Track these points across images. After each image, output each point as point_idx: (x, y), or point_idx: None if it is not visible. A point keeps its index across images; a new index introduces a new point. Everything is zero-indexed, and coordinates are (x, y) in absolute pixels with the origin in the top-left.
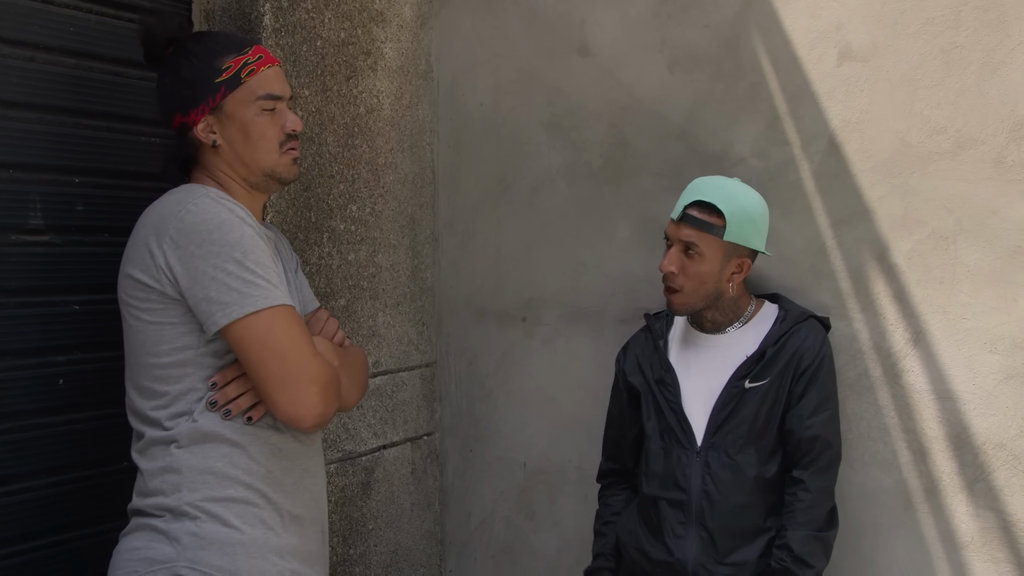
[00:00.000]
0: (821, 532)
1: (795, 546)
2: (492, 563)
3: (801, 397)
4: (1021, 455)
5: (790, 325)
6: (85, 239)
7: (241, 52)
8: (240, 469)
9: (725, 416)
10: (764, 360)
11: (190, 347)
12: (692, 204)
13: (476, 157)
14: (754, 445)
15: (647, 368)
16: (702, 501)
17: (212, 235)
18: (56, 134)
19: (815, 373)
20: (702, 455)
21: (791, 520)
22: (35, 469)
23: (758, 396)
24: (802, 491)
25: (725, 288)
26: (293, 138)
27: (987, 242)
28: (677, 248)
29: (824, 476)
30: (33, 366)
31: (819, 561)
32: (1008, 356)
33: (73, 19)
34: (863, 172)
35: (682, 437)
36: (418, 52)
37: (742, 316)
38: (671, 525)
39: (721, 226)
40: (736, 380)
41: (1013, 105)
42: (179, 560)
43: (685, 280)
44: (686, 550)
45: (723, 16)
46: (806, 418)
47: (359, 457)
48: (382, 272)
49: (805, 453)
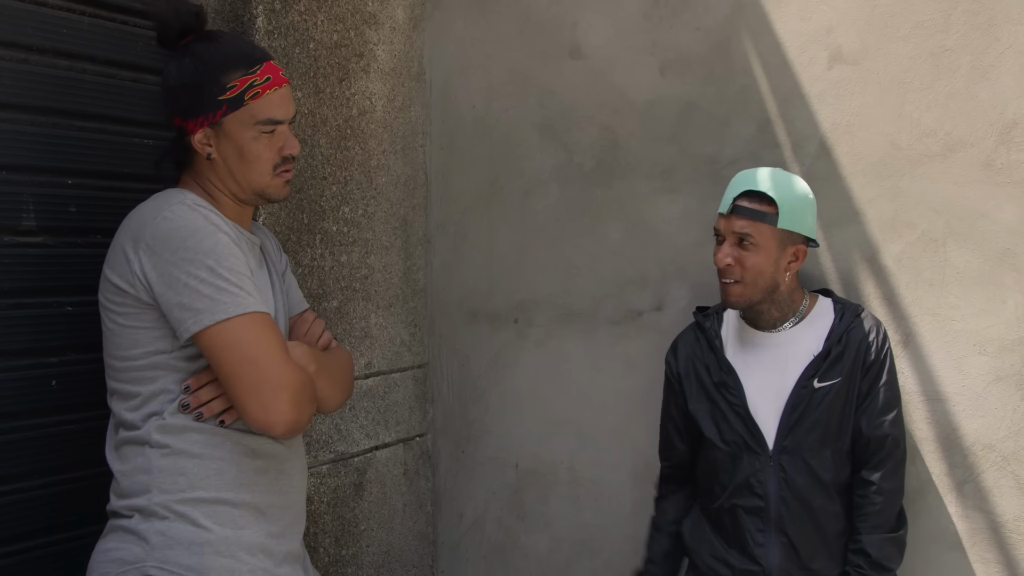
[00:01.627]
0: (895, 533)
1: (872, 551)
2: (484, 564)
3: (868, 394)
4: (1010, 456)
5: (851, 319)
6: (78, 240)
7: (250, 71)
8: (211, 470)
9: (796, 418)
10: (830, 357)
11: (163, 351)
12: (741, 195)
13: (468, 159)
14: (829, 447)
15: (702, 369)
16: (780, 507)
17: (186, 242)
18: (49, 136)
19: (881, 369)
20: (775, 459)
21: (864, 523)
22: (27, 470)
23: (829, 396)
24: (875, 493)
25: (782, 278)
26: (288, 160)
27: (976, 244)
28: (730, 241)
29: (895, 476)
30: (26, 367)
31: (895, 563)
32: (997, 358)
33: (66, 21)
34: (853, 175)
35: (751, 442)
36: (410, 54)
37: (798, 311)
38: (750, 533)
39: (774, 214)
40: (805, 380)
41: (1002, 108)
42: (148, 560)
43: (743, 272)
44: (769, 558)
45: (714, 19)
46: (876, 416)
47: (351, 458)
48: (374, 274)
49: (875, 453)
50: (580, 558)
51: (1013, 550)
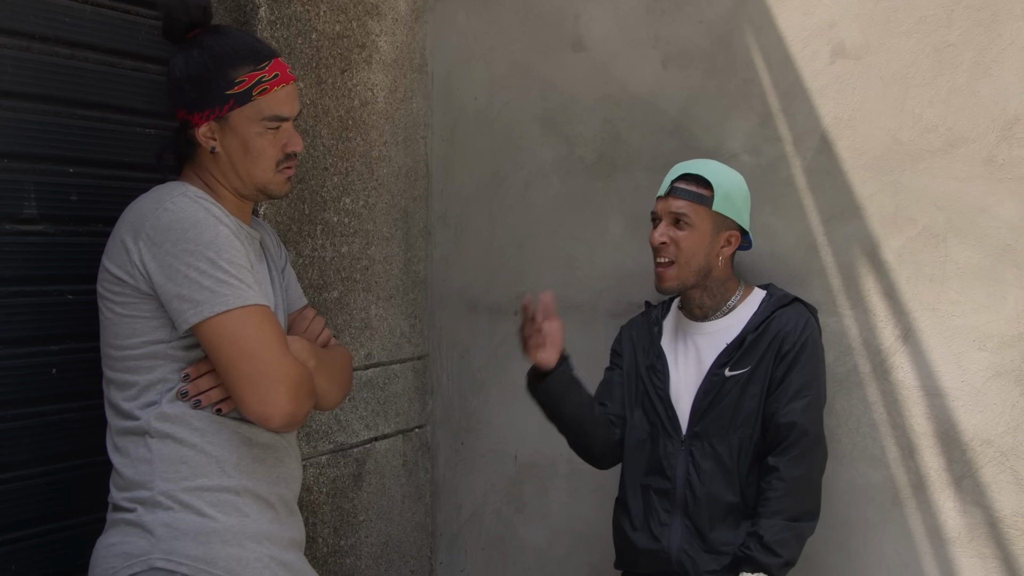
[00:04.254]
0: (795, 523)
1: (765, 534)
2: (482, 555)
3: (781, 382)
4: (1009, 452)
5: (771, 309)
6: (79, 229)
7: (258, 67)
8: (211, 458)
9: (707, 405)
10: (744, 347)
11: (161, 341)
12: (679, 178)
13: (470, 151)
14: (737, 434)
15: (639, 353)
16: (686, 490)
17: (187, 233)
18: (51, 124)
19: (796, 357)
20: (686, 444)
21: (764, 508)
22: (28, 458)
23: (739, 384)
24: (776, 479)
25: (715, 262)
26: (291, 157)
27: (977, 240)
28: (667, 221)
29: (799, 465)
30: (26, 355)
31: (789, 551)
32: (996, 353)
33: (68, 9)
34: (855, 169)
35: (668, 426)
36: (413, 46)
37: (729, 301)
38: (657, 513)
39: (709, 196)
40: (716, 368)
41: (1004, 104)
42: (154, 552)
43: (677, 251)
44: (671, 538)
45: (716, 13)
46: (784, 404)
47: (351, 449)
48: (375, 265)
49: (782, 440)
50: (578, 550)
51: (1011, 545)
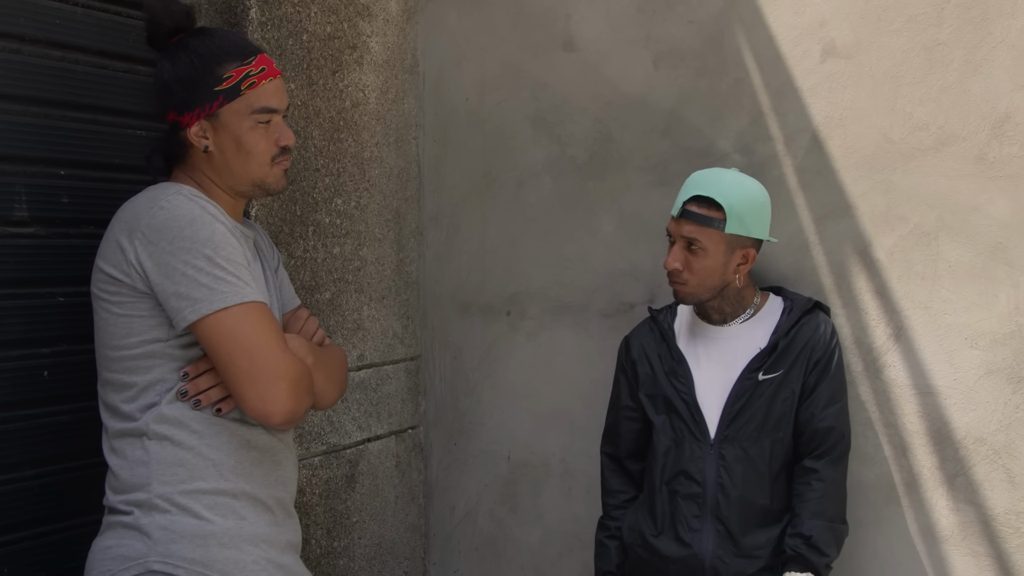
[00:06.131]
0: (834, 523)
1: (812, 533)
2: (476, 556)
3: (814, 389)
4: (1001, 450)
5: (798, 315)
6: (70, 231)
7: (244, 62)
8: (209, 460)
9: (739, 408)
10: (776, 352)
11: (159, 340)
12: (691, 199)
13: (461, 151)
14: (769, 437)
15: (655, 358)
16: (717, 494)
17: (183, 231)
18: (42, 126)
19: (827, 364)
20: (715, 448)
21: (804, 508)
22: (19, 460)
23: (771, 388)
24: (816, 480)
25: (732, 280)
26: (285, 151)
27: (968, 238)
28: (680, 245)
29: (837, 466)
30: (17, 357)
31: (832, 552)
32: (989, 351)
33: (59, 11)
34: (846, 168)
35: (695, 429)
36: (404, 46)
37: (748, 307)
38: (685, 519)
39: (721, 219)
40: (749, 372)
41: (995, 102)
42: (151, 555)
43: (690, 275)
44: (703, 543)
45: (707, 12)
46: (820, 409)
47: (343, 450)
48: (367, 266)
49: (819, 444)
50: (572, 550)
51: (1004, 543)
